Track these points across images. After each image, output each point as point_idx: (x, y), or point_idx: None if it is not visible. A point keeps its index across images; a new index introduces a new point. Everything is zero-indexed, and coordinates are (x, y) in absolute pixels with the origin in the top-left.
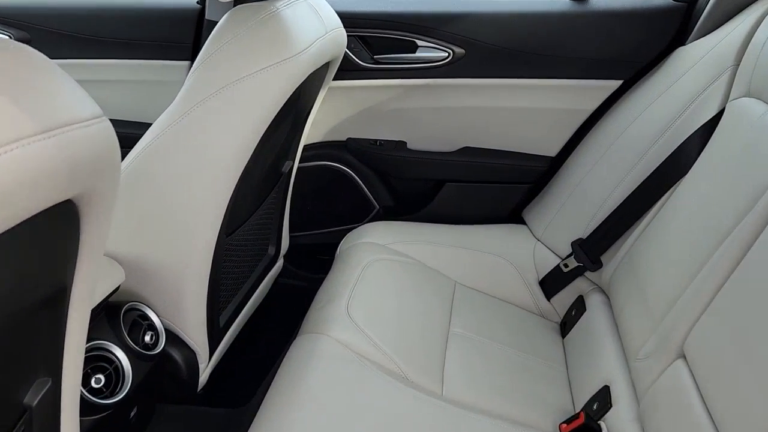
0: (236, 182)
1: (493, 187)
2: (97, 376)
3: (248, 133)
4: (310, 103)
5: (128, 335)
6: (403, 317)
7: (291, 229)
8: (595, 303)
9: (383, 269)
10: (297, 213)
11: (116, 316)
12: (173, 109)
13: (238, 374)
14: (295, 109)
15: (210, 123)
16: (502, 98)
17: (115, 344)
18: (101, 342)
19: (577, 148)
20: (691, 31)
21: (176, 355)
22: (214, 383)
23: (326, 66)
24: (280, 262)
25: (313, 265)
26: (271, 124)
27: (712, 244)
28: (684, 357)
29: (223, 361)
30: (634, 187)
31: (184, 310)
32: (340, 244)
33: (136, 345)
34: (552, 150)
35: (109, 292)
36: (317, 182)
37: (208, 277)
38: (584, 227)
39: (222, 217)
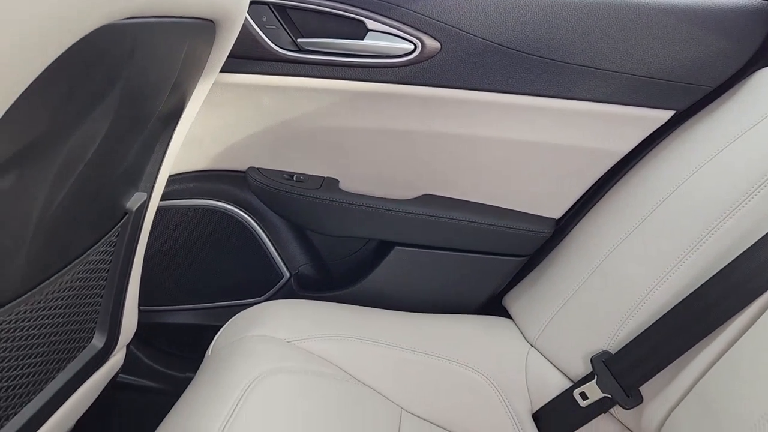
0: None
1: (465, 259)
2: None
3: None
4: (174, 94)
5: None
6: None
7: (143, 302)
8: None
9: (280, 393)
10: (156, 278)
11: None
12: None
13: None
14: (131, 89)
15: None
16: (490, 123)
17: None
18: None
19: (594, 209)
20: None
21: None
22: None
23: (207, 34)
24: (119, 356)
25: (177, 361)
26: (48, 86)
27: None
28: None
29: None
30: (700, 283)
31: None
32: (216, 338)
33: None
34: (557, 209)
35: None
36: (194, 232)
37: None
38: (610, 335)
39: None
